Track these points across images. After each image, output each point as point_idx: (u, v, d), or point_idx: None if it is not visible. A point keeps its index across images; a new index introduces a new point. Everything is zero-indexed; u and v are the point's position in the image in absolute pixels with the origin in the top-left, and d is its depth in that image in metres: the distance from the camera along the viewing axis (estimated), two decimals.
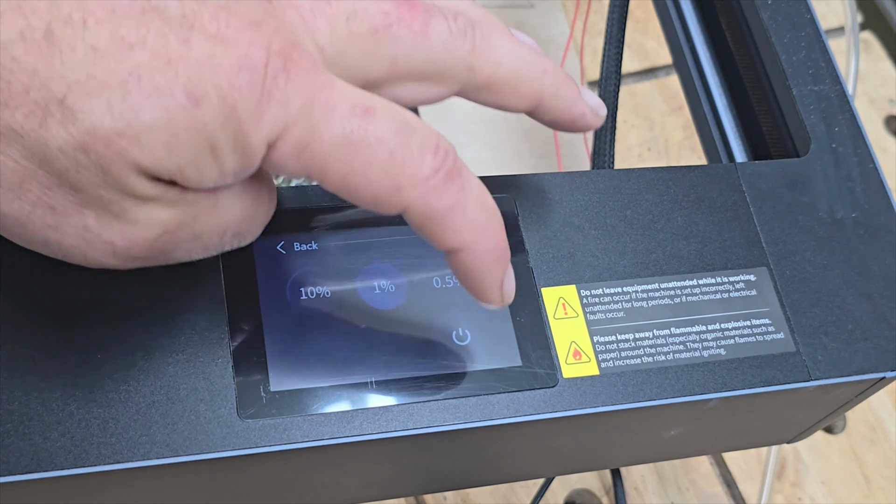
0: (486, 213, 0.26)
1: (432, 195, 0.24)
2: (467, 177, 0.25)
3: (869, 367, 0.31)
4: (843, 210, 0.34)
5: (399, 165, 0.24)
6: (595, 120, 0.30)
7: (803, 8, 0.38)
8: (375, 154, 0.23)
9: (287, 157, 0.23)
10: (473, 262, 0.26)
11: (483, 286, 0.26)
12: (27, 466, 0.25)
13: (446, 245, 0.25)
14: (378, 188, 0.24)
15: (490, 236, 0.26)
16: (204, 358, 0.27)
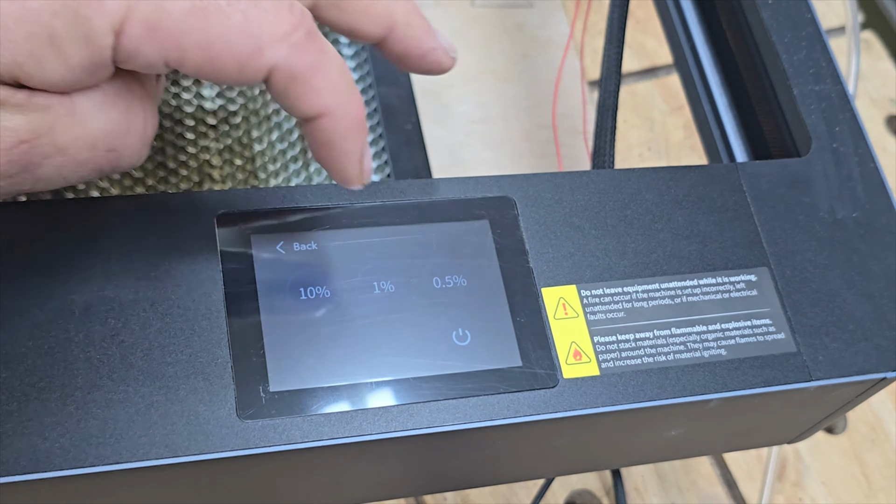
0: (347, 78, 0.25)
1: (295, 53, 0.24)
2: (325, 41, 0.25)
3: (870, 367, 0.31)
4: (843, 210, 0.34)
5: (256, 24, 0.23)
6: (445, 58, 0.29)
7: (804, 7, 0.38)
8: (229, 17, 0.23)
9: (139, 40, 0.23)
10: (336, 128, 0.25)
11: (344, 156, 0.26)
12: (26, 467, 0.25)
13: (310, 110, 0.25)
14: (239, 52, 0.23)
15: (353, 103, 0.25)
16: (203, 358, 0.27)
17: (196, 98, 0.38)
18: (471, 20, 0.60)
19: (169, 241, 0.28)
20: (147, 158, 0.37)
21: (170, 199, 0.29)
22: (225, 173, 0.38)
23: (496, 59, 0.59)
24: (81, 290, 0.27)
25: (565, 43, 0.60)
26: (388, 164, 0.40)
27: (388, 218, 0.30)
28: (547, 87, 0.59)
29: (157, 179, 0.37)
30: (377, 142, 0.40)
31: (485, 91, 0.58)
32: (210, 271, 0.28)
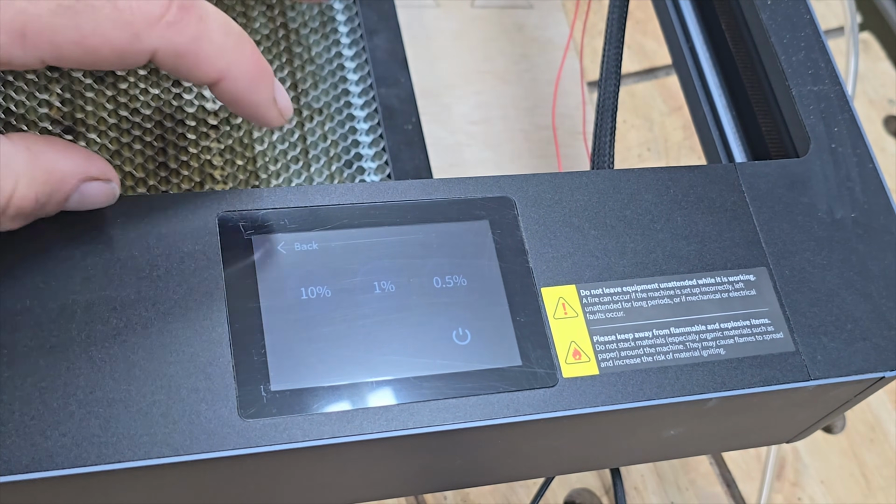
0: (233, 36, 0.25)
1: (173, 31, 0.24)
2: (203, 5, 0.25)
3: (868, 366, 0.31)
4: (842, 210, 0.34)
5: (127, 12, 0.24)
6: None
7: (803, 8, 0.38)
8: (98, 10, 0.23)
9: (9, 46, 0.23)
10: (237, 86, 0.26)
11: (256, 108, 0.27)
12: (27, 466, 0.25)
13: (205, 78, 0.25)
14: (116, 42, 0.24)
15: (245, 58, 0.26)
16: (204, 357, 0.27)
17: (197, 98, 0.39)
18: (471, 20, 0.60)
19: (170, 241, 0.28)
20: (149, 159, 0.37)
21: (171, 199, 0.29)
22: (226, 173, 0.38)
23: (496, 60, 0.59)
24: (83, 289, 0.27)
25: (565, 43, 0.61)
26: (388, 165, 0.40)
27: (389, 218, 0.30)
28: (547, 87, 0.59)
29: (159, 180, 0.37)
30: (377, 142, 0.40)
31: (485, 91, 0.58)
32: (211, 271, 0.28)
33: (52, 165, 0.25)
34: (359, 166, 0.39)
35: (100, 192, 0.27)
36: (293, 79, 0.41)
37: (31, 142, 0.25)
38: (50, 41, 0.23)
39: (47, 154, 0.25)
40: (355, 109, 0.41)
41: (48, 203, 0.26)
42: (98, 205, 0.27)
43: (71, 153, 0.26)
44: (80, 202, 0.27)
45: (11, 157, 0.24)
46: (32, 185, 0.25)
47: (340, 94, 0.41)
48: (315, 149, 0.39)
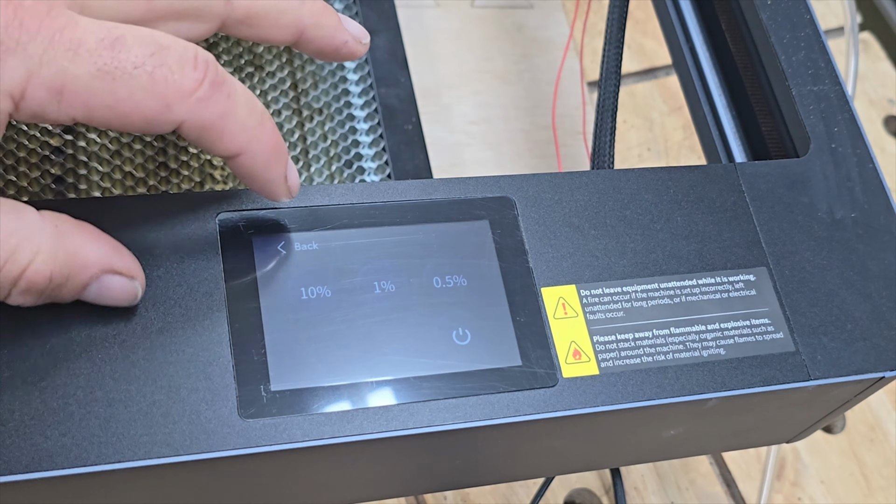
0: (256, 115, 0.26)
1: (202, 106, 0.25)
2: (232, 83, 0.26)
3: (868, 366, 0.31)
4: (842, 210, 0.34)
5: (162, 84, 0.24)
6: (358, 47, 0.30)
7: (803, 8, 0.38)
8: (135, 79, 0.24)
9: (44, 102, 0.23)
10: (254, 163, 0.26)
11: (268, 184, 0.27)
12: (28, 466, 0.25)
13: (225, 152, 0.26)
14: (148, 111, 0.24)
15: (265, 136, 0.26)
16: (204, 358, 0.27)
17: None
18: (471, 20, 0.60)
19: (170, 241, 0.28)
20: (149, 159, 0.37)
21: (171, 199, 0.29)
22: (226, 173, 0.38)
23: (496, 60, 0.59)
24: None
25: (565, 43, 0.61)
26: (388, 164, 0.40)
27: (389, 218, 0.30)
28: (547, 87, 0.59)
29: (159, 179, 0.37)
30: (377, 142, 0.40)
31: (485, 91, 0.58)
32: (211, 271, 0.28)
33: (76, 248, 0.25)
34: (359, 166, 0.39)
35: (120, 289, 0.26)
36: (293, 79, 0.41)
37: (60, 220, 0.25)
38: (85, 103, 0.24)
39: (74, 236, 0.25)
40: (355, 109, 0.41)
41: (63, 286, 0.25)
42: (116, 302, 0.26)
43: (99, 242, 0.26)
44: (99, 295, 0.26)
45: (36, 229, 0.24)
46: (50, 262, 0.24)
47: (340, 94, 0.41)
48: (315, 149, 0.39)
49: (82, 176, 0.36)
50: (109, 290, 0.26)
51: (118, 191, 0.36)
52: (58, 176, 0.35)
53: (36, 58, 0.23)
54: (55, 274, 0.24)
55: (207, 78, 0.25)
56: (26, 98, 0.23)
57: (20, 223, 0.24)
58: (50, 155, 0.36)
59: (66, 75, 0.23)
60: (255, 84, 0.40)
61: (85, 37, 0.23)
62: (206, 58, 0.25)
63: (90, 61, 0.23)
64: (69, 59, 0.23)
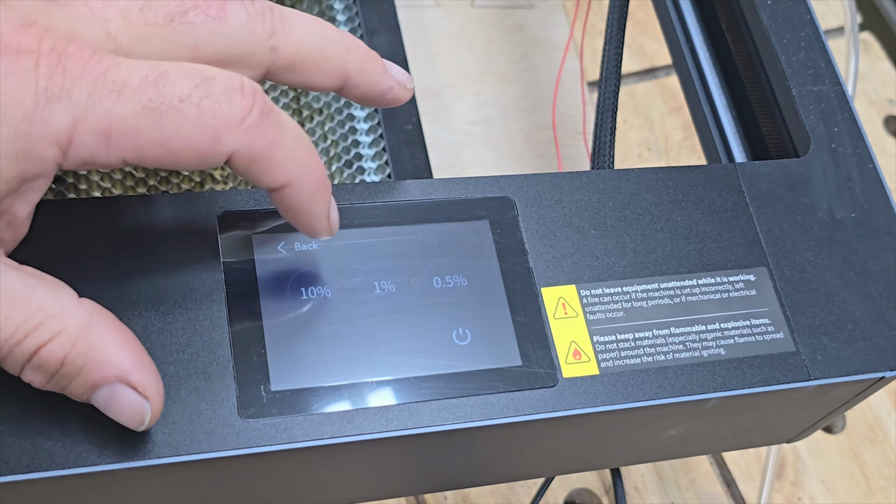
0: (304, 147, 0.26)
1: (252, 135, 0.24)
2: (280, 112, 0.25)
3: (868, 366, 0.31)
4: (842, 210, 0.34)
5: (210, 115, 0.24)
6: (403, 93, 0.30)
7: (803, 8, 0.38)
8: (182, 113, 0.23)
9: (92, 147, 0.23)
10: (301, 195, 0.26)
11: (311, 218, 0.27)
12: (28, 466, 0.25)
13: (274, 183, 0.25)
14: (198, 144, 0.24)
15: (313, 169, 0.26)
16: (204, 358, 0.27)
17: None
18: (471, 20, 0.60)
19: (170, 241, 0.28)
20: None
21: (171, 199, 0.29)
22: (226, 173, 0.38)
23: (496, 60, 0.59)
24: (83, 289, 0.27)
25: (565, 43, 0.61)
26: (388, 165, 0.40)
27: (389, 218, 0.30)
28: (547, 87, 0.59)
29: (159, 179, 0.37)
30: (377, 142, 0.40)
31: (485, 91, 0.58)
32: (211, 271, 0.28)
33: (99, 344, 0.24)
34: (359, 166, 0.39)
35: (129, 405, 0.25)
36: None
37: (97, 313, 0.25)
38: (134, 143, 0.23)
39: (102, 333, 0.24)
40: (355, 109, 0.41)
41: (74, 379, 0.24)
42: (121, 418, 0.25)
43: (126, 349, 0.25)
44: (106, 403, 0.25)
45: (67, 311, 0.24)
46: (68, 346, 0.24)
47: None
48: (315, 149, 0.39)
49: (82, 176, 0.36)
50: (118, 401, 0.25)
51: (118, 191, 0.36)
52: (58, 176, 0.35)
53: (81, 103, 0.23)
54: (69, 361, 0.24)
55: (256, 106, 0.24)
56: (74, 144, 0.23)
57: (53, 301, 0.24)
58: None
59: (112, 117, 0.23)
60: None
61: (129, 76, 0.23)
62: (253, 87, 0.25)
63: (135, 100, 0.23)
64: (114, 101, 0.23)
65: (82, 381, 0.24)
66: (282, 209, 0.27)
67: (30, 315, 0.23)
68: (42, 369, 0.24)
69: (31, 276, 0.24)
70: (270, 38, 0.27)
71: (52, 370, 0.24)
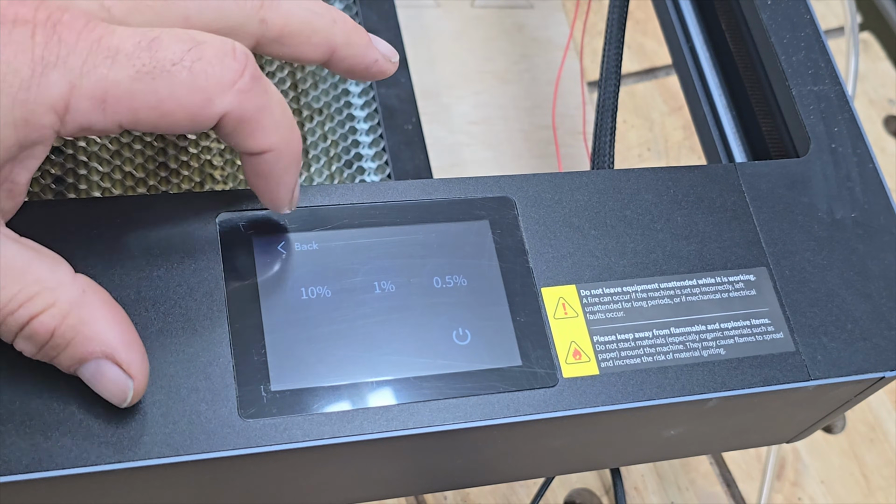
0: (289, 116, 0.27)
1: (243, 97, 0.25)
2: (268, 81, 0.26)
3: (868, 366, 0.31)
4: (842, 210, 0.34)
5: (203, 77, 0.24)
6: (388, 66, 0.31)
7: (803, 8, 0.38)
8: (175, 76, 0.24)
9: (88, 113, 0.24)
10: (277, 163, 0.27)
11: (280, 187, 0.27)
12: (28, 466, 0.25)
13: (256, 147, 0.26)
14: (190, 106, 0.24)
15: (294, 139, 0.27)
16: (204, 358, 0.27)
17: None
18: (471, 20, 0.60)
19: (170, 242, 0.28)
20: (149, 159, 0.37)
21: (171, 199, 0.29)
22: (226, 174, 0.38)
23: (496, 60, 0.59)
24: None
25: (565, 43, 0.61)
26: (388, 165, 0.40)
27: (389, 218, 0.30)
28: (547, 87, 0.59)
29: (159, 180, 0.37)
30: (377, 142, 0.40)
31: (485, 91, 0.58)
32: (212, 271, 0.28)
33: (89, 319, 0.25)
34: (359, 166, 0.39)
35: (113, 381, 0.25)
36: (293, 79, 0.41)
37: (91, 289, 0.25)
38: (129, 107, 0.24)
39: (94, 309, 0.25)
40: (355, 109, 0.41)
41: (63, 351, 0.25)
42: (105, 394, 0.25)
43: (116, 327, 0.25)
44: (92, 378, 0.25)
45: (62, 285, 0.24)
46: (58, 319, 0.24)
47: (340, 94, 0.41)
48: (315, 149, 0.39)
49: (82, 176, 0.36)
50: (102, 376, 0.25)
51: (118, 191, 0.36)
52: (58, 176, 0.35)
53: (76, 70, 0.23)
54: (58, 333, 0.24)
55: (248, 70, 0.25)
56: (70, 111, 0.23)
57: (50, 274, 0.24)
58: (50, 155, 0.36)
59: (107, 82, 0.23)
60: None
61: (122, 43, 0.24)
62: (244, 51, 0.25)
63: (129, 65, 0.24)
64: (108, 66, 0.23)
65: (70, 354, 0.25)
66: (252, 174, 0.27)
67: (25, 286, 0.24)
68: (33, 339, 0.24)
69: (29, 248, 0.25)
70: (260, 11, 0.27)
71: (41, 341, 0.24)
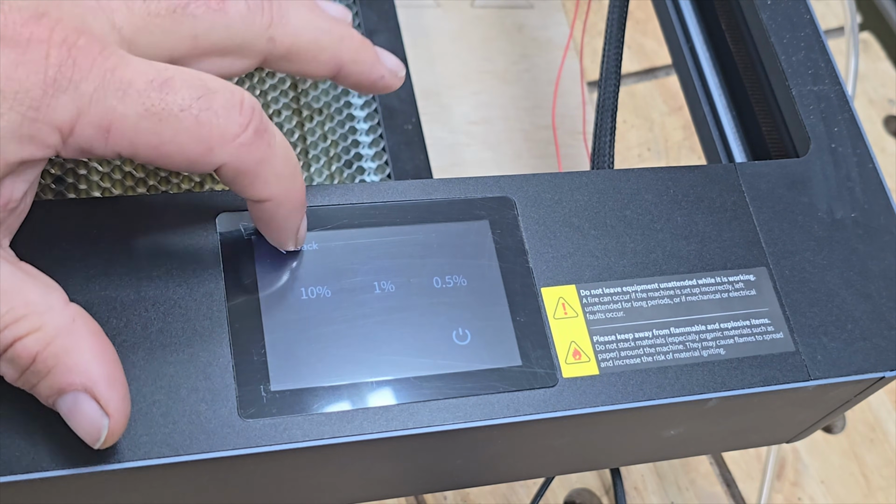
0: (291, 167, 0.27)
1: (244, 151, 0.25)
2: (273, 132, 0.26)
3: (868, 366, 0.31)
4: (842, 210, 0.34)
5: (207, 128, 0.24)
6: (394, 80, 0.31)
7: (803, 8, 0.38)
8: (181, 122, 0.24)
9: (91, 139, 0.24)
10: (278, 212, 0.27)
11: (282, 232, 0.28)
12: (28, 466, 0.25)
13: (255, 196, 0.26)
14: (190, 153, 0.25)
15: (295, 189, 0.27)
16: (204, 358, 0.27)
17: None
18: (471, 20, 0.60)
19: (170, 241, 0.28)
20: None
21: (171, 199, 0.29)
22: None
23: (496, 60, 0.59)
24: (83, 289, 0.27)
25: (565, 43, 0.61)
26: (388, 165, 0.40)
27: (389, 218, 0.30)
28: (547, 87, 0.59)
29: (159, 179, 0.37)
30: (377, 142, 0.40)
31: (485, 91, 0.58)
32: (211, 271, 0.28)
33: (73, 349, 0.24)
34: (359, 166, 0.39)
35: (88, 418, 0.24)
36: (293, 79, 0.41)
37: (82, 319, 0.25)
38: (131, 141, 0.24)
39: (81, 340, 0.24)
40: (355, 109, 0.41)
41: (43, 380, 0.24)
42: (80, 431, 0.24)
43: (100, 362, 0.24)
44: (69, 411, 0.24)
45: (51, 311, 0.24)
46: (42, 344, 0.24)
47: (340, 94, 0.41)
48: (315, 149, 0.39)
49: (82, 176, 0.36)
50: (78, 411, 0.24)
51: (118, 191, 0.36)
52: (58, 176, 0.35)
53: (87, 96, 0.23)
54: (40, 359, 0.24)
55: (252, 124, 0.25)
56: (74, 135, 0.24)
57: (40, 299, 0.24)
58: None
59: (114, 114, 0.24)
60: (255, 84, 0.40)
61: (135, 77, 0.24)
62: (252, 104, 0.25)
63: (138, 102, 0.24)
64: (118, 99, 0.24)
65: (49, 384, 0.24)
66: (255, 218, 0.28)
67: (13, 308, 0.24)
68: (14, 363, 0.24)
69: (24, 271, 0.25)
70: (268, 30, 0.28)
71: (23, 365, 0.24)
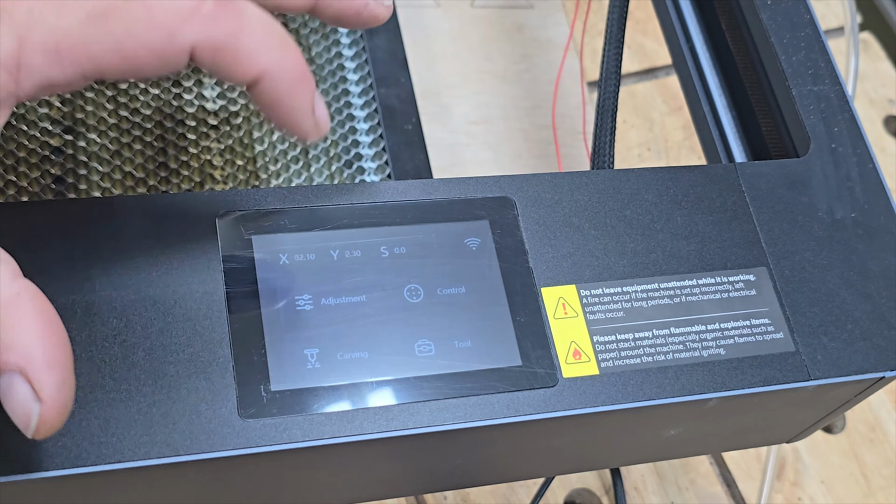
0: (275, 35, 0.24)
1: (209, 25, 0.23)
2: (243, 3, 0.24)
3: (868, 366, 0.31)
4: (842, 210, 0.34)
5: (159, 11, 0.23)
6: (381, 10, 0.28)
7: (803, 8, 0.38)
8: (129, 12, 0.23)
9: (45, 67, 0.22)
10: (277, 88, 0.25)
11: (293, 113, 0.25)
12: (27, 466, 0.25)
13: (245, 75, 0.24)
14: (152, 43, 0.23)
15: (287, 57, 0.25)
16: (204, 358, 0.27)
17: (197, 99, 0.39)
18: (471, 20, 0.60)
19: (170, 241, 0.28)
20: (149, 159, 0.37)
21: (171, 199, 0.29)
22: (226, 174, 0.38)
23: (496, 60, 0.59)
24: (83, 289, 0.27)
25: (565, 43, 0.61)
26: (388, 165, 0.40)
27: (389, 218, 0.30)
28: (547, 87, 0.59)
29: (159, 180, 0.37)
30: (377, 142, 0.40)
31: (485, 92, 0.58)
32: (211, 271, 0.28)
33: (14, 326, 0.22)
34: (359, 166, 0.39)
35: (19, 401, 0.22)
36: None
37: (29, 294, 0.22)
38: (86, 54, 0.22)
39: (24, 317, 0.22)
40: (355, 109, 0.41)
41: None
42: (12, 415, 0.22)
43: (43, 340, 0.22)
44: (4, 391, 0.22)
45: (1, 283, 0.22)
46: None
47: (340, 94, 0.41)
48: (315, 149, 0.39)
49: (82, 176, 0.36)
50: (12, 394, 0.22)
51: (118, 191, 0.36)
52: (58, 176, 0.35)
53: (23, 22, 0.22)
54: None
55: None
56: (24, 67, 0.22)
57: None
58: (50, 155, 0.36)
59: (57, 31, 0.22)
60: None
61: None
62: None
63: (78, 8, 0.22)
64: (56, 14, 0.22)
65: None
66: (261, 107, 0.25)
67: None
68: None
69: None
70: None
71: None
